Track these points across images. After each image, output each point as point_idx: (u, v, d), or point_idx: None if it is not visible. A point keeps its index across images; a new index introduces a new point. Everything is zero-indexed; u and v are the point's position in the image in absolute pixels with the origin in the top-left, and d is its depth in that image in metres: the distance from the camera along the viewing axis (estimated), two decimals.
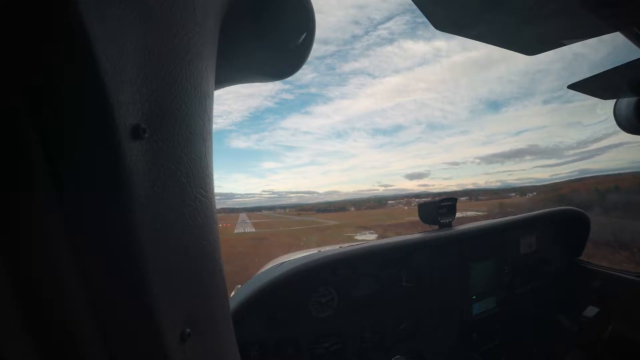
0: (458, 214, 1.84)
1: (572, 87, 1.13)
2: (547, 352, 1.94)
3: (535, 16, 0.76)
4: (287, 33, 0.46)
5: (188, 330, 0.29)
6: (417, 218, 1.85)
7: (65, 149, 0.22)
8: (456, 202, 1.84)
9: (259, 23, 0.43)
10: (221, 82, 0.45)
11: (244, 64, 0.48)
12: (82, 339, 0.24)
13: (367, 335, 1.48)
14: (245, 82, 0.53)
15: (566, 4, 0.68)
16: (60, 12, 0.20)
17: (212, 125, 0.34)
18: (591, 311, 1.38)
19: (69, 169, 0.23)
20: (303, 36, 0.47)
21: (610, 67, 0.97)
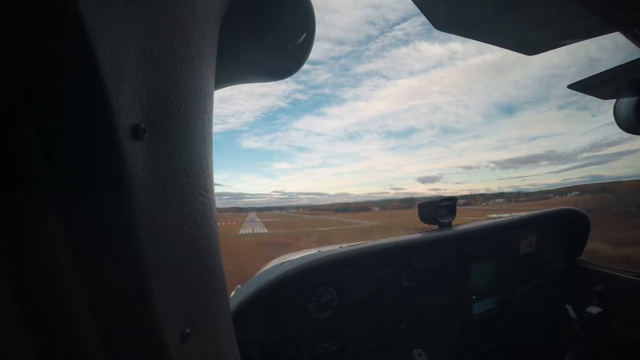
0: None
1: (572, 87, 1.13)
2: (547, 352, 1.94)
3: (535, 16, 0.76)
4: (286, 33, 0.46)
5: (188, 330, 0.29)
6: (486, 215, 1.79)
7: (66, 149, 0.22)
8: (456, 202, 1.85)
9: (259, 23, 0.43)
10: (221, 82, 0.45)
11: (244, 64, 0.48)
12: (82, 339, 0.24)
13: (367, 335, 1.48)
14: (245, 82, 0.53)
15: (566, 4, 0.68)
16: (60, 12, 0.20)
17: (212, 126, 0.34)
18: (592, 311, 1.38)
19: (69, 169, 0.23)
20: (303, 36, 0.47)
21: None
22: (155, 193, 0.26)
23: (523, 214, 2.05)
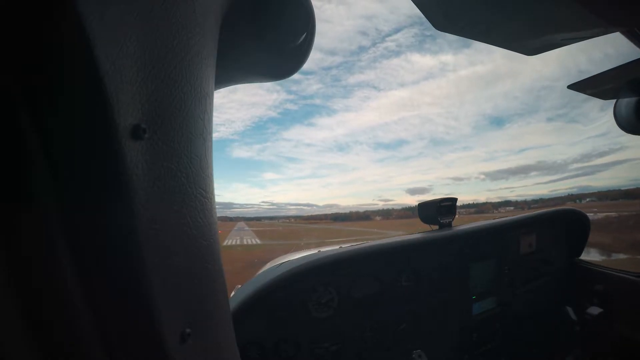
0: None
1: (572, 87, 1.13)
2: (547, 352, 1.94)
3: (535, 16, 0.76)
4: (286, 33, 0.46)
5: (188, 330, 0.29)
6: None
7: (66, 150, 0.22)
8: (456, 202, 1.85)
9: (259, 23, 0.43)
10: (221, 82, 0.45)
11: (244, 64, 0.48)
12: (82, 339, 0.24)
13: (367, 335, 1.48)
14: (245, 82, 0.53)
15: (566, 4, 0.68)
16: (60, 12, 0.20)
17: (212, 126, 0.34)
18: (593, 312, 1.38)
19: (69, 169, 0.23)
20: (303, 36, 0.47)
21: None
22: (155, 193, 0.26)
23: (523, 214, 2.05)
